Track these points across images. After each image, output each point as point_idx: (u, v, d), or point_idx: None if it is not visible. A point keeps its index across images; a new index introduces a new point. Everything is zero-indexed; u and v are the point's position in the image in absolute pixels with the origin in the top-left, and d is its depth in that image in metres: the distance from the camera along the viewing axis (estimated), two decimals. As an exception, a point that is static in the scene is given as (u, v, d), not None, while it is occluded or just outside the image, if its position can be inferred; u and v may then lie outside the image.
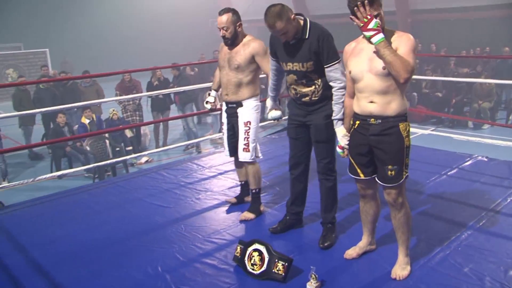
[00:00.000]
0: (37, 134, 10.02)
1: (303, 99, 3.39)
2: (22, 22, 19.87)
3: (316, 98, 3.35)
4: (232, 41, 3.79)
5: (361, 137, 2.95)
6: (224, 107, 4.06)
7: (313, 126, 3.41)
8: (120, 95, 9.51)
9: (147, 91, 9.68)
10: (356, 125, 2.98)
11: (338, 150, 3.24)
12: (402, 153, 2.86)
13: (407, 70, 2.66)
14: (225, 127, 4.12)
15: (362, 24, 2.69)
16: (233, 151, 4.11)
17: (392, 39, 2.76)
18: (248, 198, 4.30)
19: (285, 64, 3.39)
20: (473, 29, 16.24)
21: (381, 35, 2.67)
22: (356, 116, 2.98)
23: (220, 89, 4.09)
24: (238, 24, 3.75)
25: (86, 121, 8.73)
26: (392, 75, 2.72)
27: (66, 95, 9.93)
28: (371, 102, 2.83)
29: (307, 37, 3.26)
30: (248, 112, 3.87)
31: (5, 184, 6.55)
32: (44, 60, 18.83)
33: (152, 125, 10.23)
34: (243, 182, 4.32)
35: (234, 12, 3.77)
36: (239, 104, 3.88)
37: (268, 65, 3.76)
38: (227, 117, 4.04)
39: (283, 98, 8.87)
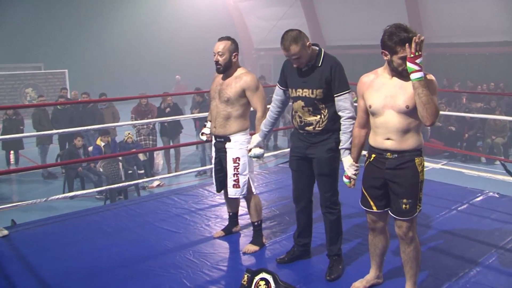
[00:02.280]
0: (53, 153, 10.19)
1: (307, 128, 3.39)
2: (43, 43, 20.34)
3: (320, 129, 3.36)
4: (224, 68, 3.77)
5: (376, 171, 2.98)
6: (213, 140, 4.03)
7: (315, 160, 3.41)
8: (135, 119, 9.65)
9: (157, 117, 9.82)
10: (372, 158, 3.01)
11: (345, 180, 3.24)
12: (417, 187, 2.88)
13: (436, 115, 2.70)
14: (213, 160, 4.09)
15: (412, 55, 2.65)
16: (220, 186, 4.08)
17: None
18: (236, 229, 4.32)
19: (295, 90, 3.41)
20: (488, 64, 16.30)
21: (421, 73, 2.67)
22: (371, 149, 3.01)
23: None
24: (234, 54, 3.76)
25: (101, 143, 8.85)
26: (413, 114, 2.76)
27: (85, 116, 10.13)
28: (388, 139, 2.87)
29: (320, 64, 3.31)
30: (236, 147, 3.83)
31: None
32: (63, 80, 19.21)
33: (163, 151, 10.30)
34: (231, 214, 4.29)
35: (233, 41, 3.79)
36: (226, 138, 3.85)
37: (258, 101, 3.76)
38: (215, 151, 4.01)
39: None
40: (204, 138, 4.22)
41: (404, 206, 2.88)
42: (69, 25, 20.99)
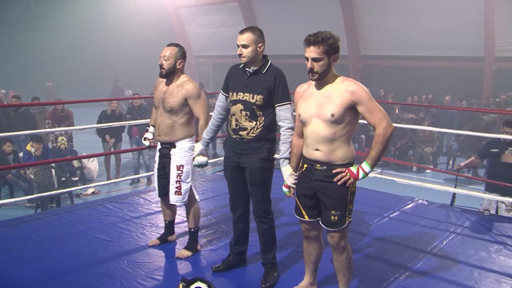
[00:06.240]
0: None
1: (240, 132, 3.41)
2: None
3: (253, 136, 3.39)
4: (167, 73, 3.80)
5: (307, 181, 3.03)
6: (158, 146, 4.03)
7: (248, 169, 3.43)
8: (52, 124, 9.41)
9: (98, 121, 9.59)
10: (304, 168, 3.06)
11: (284, 189, 3.27)
12: (346, 200, 2.94)
13: (386, 127, 2.85)
14: (156, 165, 4.08)
15: (352, 179, 2.88)
16: (163, 192, 4.06)
17: (348, 90, 2.82)
18: (172, 238, 4.29)
19: (236, 94, 3.44)
20: (419, 77, 17.13)
21: (363, 173, 2.89)
22: (304, 159, 3.07)
23: None
24: (179, 60, 3.80)
25: (31, 149, 8.48)
26: (339, 123, 2.84)
27: (16, 121, 9.67)
28: (317, 150, 2.93)
29: (264, 72, 3.38)
30: (180, 154, 3.85)
31: None
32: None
33: (100, 158, 10.03)
34: (167, 222, 4.28)
35: (181, 49, 3.83)
36: (172, 145, 3.86)
37: (201, 109, 3.79)
38: (160, 157, 4.01)
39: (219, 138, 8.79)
40: (146, 143, 4.22)
41: (332, 217, 2.94)
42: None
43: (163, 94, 3.84)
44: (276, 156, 3.49)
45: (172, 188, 3.88)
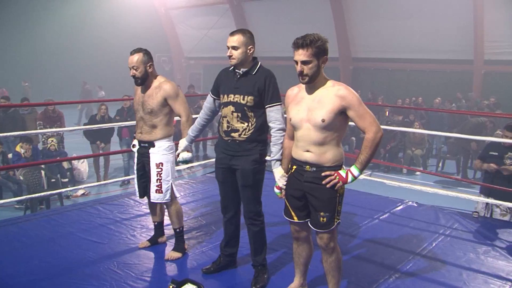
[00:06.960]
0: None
1: (232, 134, 3.41)
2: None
3: (245, 137, 3.39)
4: (142, 80, 3.82)
5: (296, 182, 3.04)
6: (136, 146, 4.03)
7: (239, 171, 3.44)
8: (44, 126, 9.34)
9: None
10: (293, 169, 3.07)
11: (276, 190, 3.28)
12: (334, 201, 2.95)
13: (375, 132, 2.87)
14: (135, 166, 4.09)
15: (341, 182, 2.89)
16: (143, 192, 4.07)
17: (338, 95, 2.83)
18: (162, 239, 4.29)
19: (226, 96, 3.45)
20: (409, 79, 17.23)
21: (352, 177, 2.90)
22: (293, 161, 3.07)
23: None
24: (148, 64, 3.81)
25: (21, 150, 8.41)
26: (330, 128, 2.85)
27: (5, 122, 9.59)
28: (307, 151, 2.94)
29: (254, 73, 3.39)
30: (160, 153, 3.86)
31: None
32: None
33: (90, 160, 9.98)
34: (156, 223, 4.28)
35: (146, 52, 3.83)
36: (151, 144, 3.87)
37: (181, 107, 3.82)
38: (138, 157, 4.01)
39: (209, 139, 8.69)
40: (135, 150, 4.20)
41: (321, 219, 2.95)
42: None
43: (142, 98, 3.87)
44: (267, 158, 3.50)
45: (153, 187, 3.88)
